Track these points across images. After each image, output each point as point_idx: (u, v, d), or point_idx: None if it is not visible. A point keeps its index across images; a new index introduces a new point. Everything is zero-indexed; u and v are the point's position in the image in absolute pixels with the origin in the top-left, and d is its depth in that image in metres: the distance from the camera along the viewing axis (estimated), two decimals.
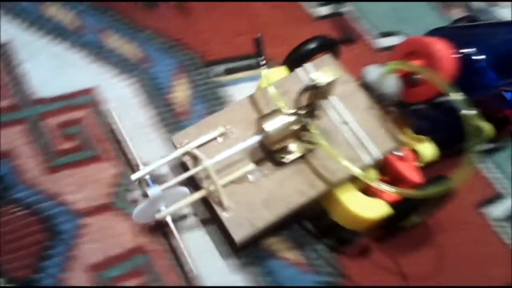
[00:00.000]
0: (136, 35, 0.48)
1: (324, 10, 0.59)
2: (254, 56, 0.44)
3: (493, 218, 0.45)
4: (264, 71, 0.38)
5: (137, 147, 0.39)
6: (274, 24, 0.54)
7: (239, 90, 0.47)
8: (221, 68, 0.48)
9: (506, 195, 0.47)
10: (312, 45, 0.41)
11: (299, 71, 0.39)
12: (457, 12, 0.62)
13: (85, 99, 0.43)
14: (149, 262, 0.36)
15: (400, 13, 0.62)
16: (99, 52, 0.46)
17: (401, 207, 0.36)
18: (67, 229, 0.36)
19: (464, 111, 0.33)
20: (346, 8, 0.59)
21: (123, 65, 0.46)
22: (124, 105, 0.43)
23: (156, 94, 0.45)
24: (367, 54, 0.55)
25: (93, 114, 0.42)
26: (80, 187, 0.38)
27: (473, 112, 0.33)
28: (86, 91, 0.43)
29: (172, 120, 0.43)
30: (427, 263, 0.41)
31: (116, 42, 0.47)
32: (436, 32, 0.41)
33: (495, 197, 0.47)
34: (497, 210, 0.46)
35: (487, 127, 0.46)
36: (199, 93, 0.46)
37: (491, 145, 0.49)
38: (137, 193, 0.38)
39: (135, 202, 0.38)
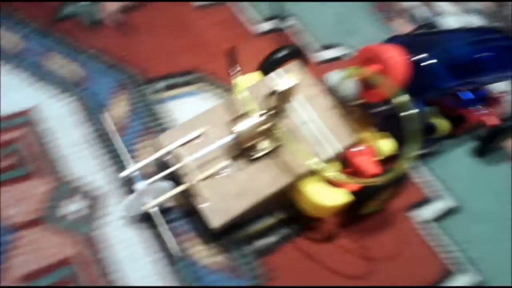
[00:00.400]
0: (78, 56, 0.51)
1: (267, 25, 0.61)
2: (196, 71, 0.49)
3: (420, 221, 0.49)
4: (235, 80, 0.42)
5: (72, 163, 0.43)
6: (216, 41, 0.57)
7: (178, 106, 0.50)
8: (161, 84, 0.51)
9: (434, 198, 0.51)
10: (282, 53, 0.46)
11: (269, 76, 0.44)
12: (399, 23, 0.65)
13: (23, 119, 0.46)
14: (76, 273, 0.39)
15: (343, 26, 0.64)
16: (40, 74, 0.49)
17: (359, 195, 0.41)
18: (0, 242, 0.39)
19: (404, 113, 0.38)
20: (289, 23, 0.62)
21: (63, 85, 0.49)
22: (62, 123, 0.46)
23: (94, 112, 0.47)
24: (309, 67, 0.57)
25: (30, 133, 0.45)
26: (15, 202, 0.41)
27: (414, 111, 0.38)
28: (25, 112, 0.46)
29: (107, 137, 0.46)
30: (358, 266, 0.45)
31: (58, 63, 0.50)
32: (393, 40, 0.46)
33: (424, 201, 0.50)
34: (425, 213, 0.49)
35: (443, 124, 0.51)
36: (137, 110, 0.48)
37: (423, 150, 0.52)
38: (65, 209, 0.42)
39: (64, 217, 0.41)
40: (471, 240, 0.48)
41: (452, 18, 0.70)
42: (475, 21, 0.71)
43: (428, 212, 0.49)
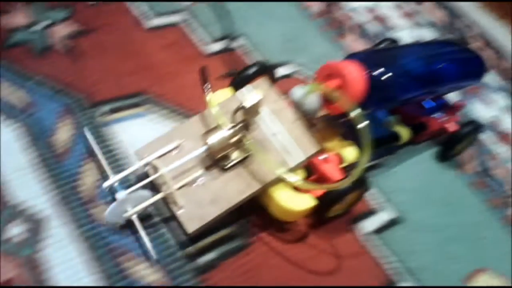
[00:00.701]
0: (26, 82, 0.52)
1: (217, 46, 0.63)
2: (144, 94, 0.53)
3: (364, 233, 0.51)
4: (209, 96, 0.46)
5: (16, 187, 0.45)
6: (165, 63, 0.59)
7: (123, 128, 0.52)
8: (107, 107, 0.53)
9: (377, 210, 0.53)
10: (251, 70, 0.50)
11: (239, 92, 0.47)
12: (351, 40, 0.69)
13: None
14: None
15: (292, 44, 0.67)
16: None
17: (324, 200, 0.45)
18: None
19: (359, 125, 0.42)
20: (239, 43, 0.64)
21: (10, 111, 0.50)
22: (7, 149, 0.48)
23: (39, 137, 0.49)
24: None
25: None
26: None
27: (366, 123, 0.41)
28: None
29: (52, 161, 0.48)
30: (304, 279, 0.47)
31: (5, 90, 0.51)
32: (352, 56, 0.50)
33: (368, 213, 0.53)
34: (368, 225, 0.52)
35: (405, 131, 0.55)
36: (82, 133, 0.50)
37: (372, 163, 0.55)
38: (9, 233, 0.43)
39: (8, 240, 0.42)
40: (412, 251, 0.51)
41: (405, 32, 0.74)
42: (428, 34, 0.76)
43: (371, 224, 0.52)
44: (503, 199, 0.59)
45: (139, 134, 0.51)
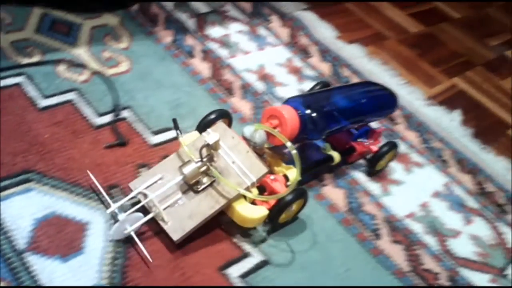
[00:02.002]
0: None
1: (105, 119, 0.69)
2: (32, 170, 0.59)
3: (236, 276, 0.58)
4: (181, 139, 0.61)
5: None
6: (55, 139, 0.64)
7: (8, 204, 0.56)
8: None
9: (246, 255, 0.60)
10: (211, 116, 0.65)
11: (203, 134, 0.62)
12: (236, 100, 0.81)
13: None
14: None
15: (181, 109, 0.75)
16: None
17: (273, 209, 0.60)
18: None
19: (293, 153, 0.57)
20: (125, 114, 0.71)
21: None
22: None
23: None
24: (143, 150, 0.68)
25: None
26: None
27: (295, 151, 0.57)
28: None
29: None
30: None
31: None
32: (289, 100, 0.65)
33: (237, 259, 0.59)
34: (236, 270, 0.58)
35: (336, 155, 0.70)
36: None
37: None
38: None
39: None
40: None
41: (292, 86, 0.89)
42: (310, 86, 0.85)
43: (238, 269, 0.58)
44: (372, 232, 0.68)
45: (25, 209, 0.57)
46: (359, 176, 0.76)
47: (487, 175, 0.85)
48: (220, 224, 0.62)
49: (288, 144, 0.58)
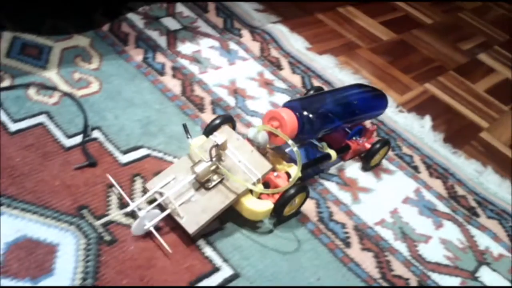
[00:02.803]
0: None
1: (75, 140, 0.70)
2: (3, 195, 0.58)
3: None
4: (191, 141, 0.66)
5: None
6: (25, 162, 0.64)
7: None
8: None
9: (215, 270, 0.61)
10: (217, 121, 0.71)
11: (211, 137, 0.67)
12: (206, 115, 0.81)
13: None
14: None
15: (152, 126, 0.75)
16: None
17: (278, 203, 0.66)
18: None
19: (294, 150, 0.64)
20: (96, 134, 0.71)
21: None
22: None
23: None
24: (113, 170, 0.68)
25: None
26: None
27: (296, 148, 0.64)
28: None
29: None
30: None
31: None
32: (288, 103, 0.72)
33: (211, 272, 0.61)
34: (210, 283, 0.59)
35: (333, 152, 0.77)
36: None
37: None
38: None
39: None
40: None
41: (264, 99, 0.90)
42: (284, 97, 0.90)
43: (210, 283, 0.60)
44: (342, 241, 0.70)
45: None
46: (331, 185, 0.78)
47: (458, 179, 0.88)
48: (191, 239, 0.63)
49: (290, 142, 0.64)
